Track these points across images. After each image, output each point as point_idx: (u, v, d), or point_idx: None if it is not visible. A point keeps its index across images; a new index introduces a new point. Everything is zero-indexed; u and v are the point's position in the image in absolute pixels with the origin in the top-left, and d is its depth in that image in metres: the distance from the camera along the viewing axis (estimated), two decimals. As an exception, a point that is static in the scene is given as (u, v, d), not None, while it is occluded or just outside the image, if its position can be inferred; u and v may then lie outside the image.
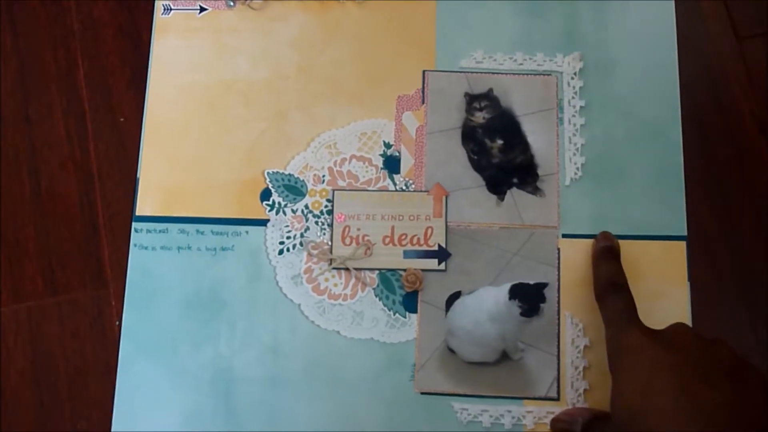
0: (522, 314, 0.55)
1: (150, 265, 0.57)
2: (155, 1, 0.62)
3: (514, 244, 0.57)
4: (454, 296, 0.56)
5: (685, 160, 0.58)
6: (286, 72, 0.60)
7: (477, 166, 0.58)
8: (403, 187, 0.58)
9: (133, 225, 0.58)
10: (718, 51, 0.61)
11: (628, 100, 0.59)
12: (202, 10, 0.62)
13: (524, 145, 0.58)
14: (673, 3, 0.61)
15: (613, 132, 0.58)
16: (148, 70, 0.60)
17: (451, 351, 0.55)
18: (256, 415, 0.54)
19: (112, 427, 0.55)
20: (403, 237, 0.57)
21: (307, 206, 0.58)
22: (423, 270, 0.56)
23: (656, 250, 0.56)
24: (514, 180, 0.58)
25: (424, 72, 0.60)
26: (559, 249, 0.57)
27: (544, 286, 0.56)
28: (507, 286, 0.56)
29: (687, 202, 0.57)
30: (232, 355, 0.55)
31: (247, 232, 0.57)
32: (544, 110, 0.59)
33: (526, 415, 0.54)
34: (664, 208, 0.57)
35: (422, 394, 0.54)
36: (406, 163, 0.58)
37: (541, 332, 0.55)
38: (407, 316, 0.56)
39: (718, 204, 0.58)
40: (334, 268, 0.57)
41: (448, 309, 0.56)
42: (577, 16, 0.61)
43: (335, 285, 0.57)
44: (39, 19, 0.61)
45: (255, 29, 0.61)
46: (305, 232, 0.57)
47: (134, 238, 0.58)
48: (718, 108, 0.60)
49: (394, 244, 0.57)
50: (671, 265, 0.56)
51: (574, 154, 0.58)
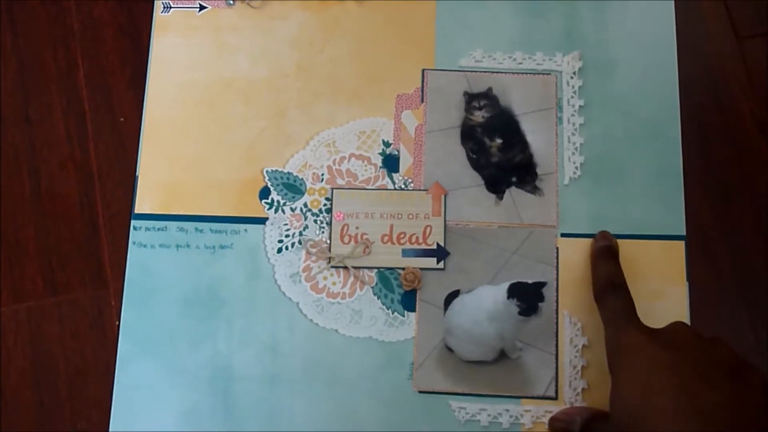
0: (520, 313, 0.55)
1: (149, 263, 0.57)
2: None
3: (512, 243, 0.57)
4: (453, 295, 0.56)
5: (685, 159, 0.58)
6: (286, 70, 0.60)
7: (476, 165, 0.58)
8: (402, 186, 0.58)
9: (132, 223, 0.58)
10: (718, 51, 0.61)
11: (628, 99, 0.59)
12: (202, 8, 0.62)
13: (523, 144, 0.58)
14: (673, 3, 0.60)
15: (613, 131, 0.58)
16: (148, 68, 0.60)
17: (450, 350, 0.55)
18: (255, 413, 0.54)
19: (111, 425, 0.55)
20: (402, 236, 0.57)
21: (305, 205, 0.58)
22: (421, 269, 0.56)
23: (655, 250, 0.56)
24: (513, 179, 0.58)
25: (424, 71, 0.60)
26: (557, 248, 0.57)
27: (543, 285, 0.56)
28: (505, 285, 0.56)
29: (686, 201, 0.57)
30: (230, 354, 0.55)
31: (245, 231, 0.58)
32: (543, 109, 0.59)
33: (524, 414, 0.54)
34: (663, 208, 0.57)
35: (420, 392, 0.55)
36: (405, 162, 0.58)
37: (540, 331, 0.55)
38: (406, 315, 0.56)
39: (718, 204, 0.58)
40: (332, 267, 0.57)
41: (446, 308, 0.56)
42: (577, 16, 0.60)
43: (334, 283, 0.57)
44: (39, 19, 0.61)
45: (254, 27, 0.61)
46: (304, 230, 0.58)
47: (133, 236, 0.58)
48: (718, 108, 0.60)
49: (393, 243, 0.57)
50: (670, 264, 0.56)
51: (573, 154, 0.58)
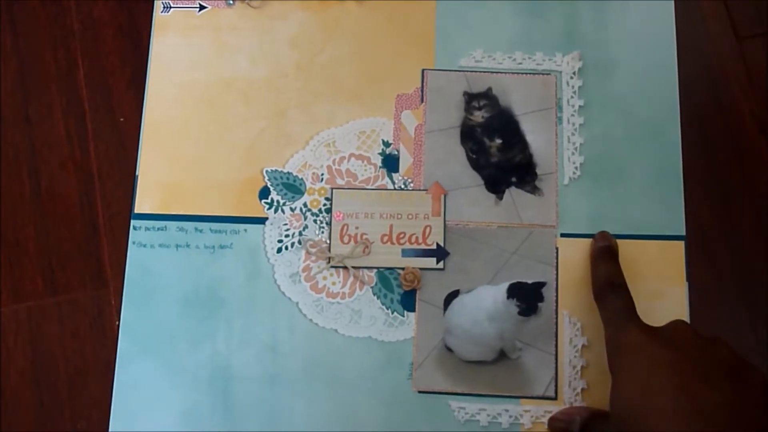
0: (520, 313, 0.55)
1: (148, 263, 0.57)
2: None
3: (512, 243, 0.57)
4: (453, 295, 0.56)
5: (685, 160, 0.58)
6: (286, 70, 0.60)
7: (476, 165, 0.58)
8: (402, 186, 0.58)
9: (132, 222, 0.58)
10: (718, 51, 0.60)
11: (628, 99, 0.59)
12: (202, 8, 0.62)
13: (523, 144, 0.58)
14: (673, 3, 0.60)
15: (612, 132, 0.58)
16: (148, 68, 0.60)
17: (449, 350, 0.55)
18: (254, 413, 0.54)
19: (110, 425, 0.55)
20: (402, 236, 0.57)
21: (305, 204, 0.58)
22: (421, 269, 0.56)
23: (655, 250, 0.56)
24: (513, 179, 0.58)
25: (424, 71, 0.60)
26: (557, 248, 0.57)
27: (542, 285, 0.56)
28: (505, 285, 0.56)
29: (686, 201, 0.57)
30: (230, 353, 0.55)
31: (245, 230, 0.58)
32: (543, 109, 0.59)
33: (523, 414, 0.54)
34: (663, 208, 0.57)
35: (420, 392, 0.55)
36: (405, 162, 0.58)
37: (539, 331, 0.55)
38: (405, 315, 0.56)
39: (718, 204, 0.58)
40: (332, 267, 0.57)
41: (446, 308, 0.56)
42: (577, 16, 0.60)
43: (333, 283, 0.57)
44: (39, 19, 0.61)
45: (254, 27, 0.61)
46: (304, 230, 0.58)
47: (133, 236, 0.58)
48: (718, 108, 0.60)
49: (393, 243, 0.57)
50: (670, 265, 0.56)
51: (573, 154, 0.58)
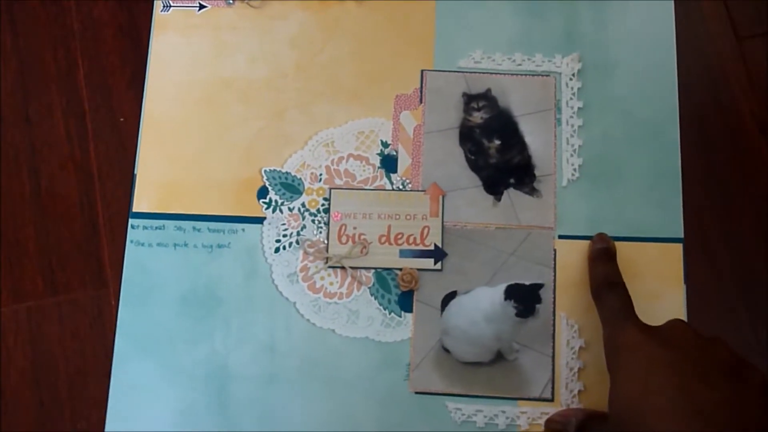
0: (517, 315, 0.55)
1: (146, 262, 0.57)
2: (155, -1, 0.62)
3: (510, 244, 0.57)
4: (450, 296, 0.56)
5: (685, 160, 0.58)
6: (285, 70, 0.60)
7: (474, 166, 0.58)
8: (400, 187, 0.58)
9: (130, 221, 0.58)
10: (718, 51, 0.60)
11: (627, 100, 0.59)
12: (202, 7, 0.62)
13: (522, 145, 0.58)
14: (673, 3, 0.60)
15: (611, 133, 0.58)
16: (147, 67, 0.61)
17: (446, 351, 0.55)
18: (251, 412, 0.55)
19: (107, 424, 0.55)
20: (400, 236, 0.57)
21: (303, 204, 0.58)
22: (419, 269, 0.56)
23: (653, 252, 0.56)
24: (511, 180, 0.58)
25: (423, 71, 0.60)
26: (555, 250, 0.57)
27: (540, 286, 0.56)
28: (503, 287, 0.56)
29: (686, 202, 0.57)
30: (227, 353, 0.56)
31: (243, 230, 0.58)
32: (542, 111, 0.59)
33: (520, 415, 0.54)
34: (661, 211, 0.57)
35: (417, 393, 0.55)
36: (404, 163, 0.58)
37: (536, 333, 0.55)
38: (402, 316, 0.56)
39: (718, 204, 0.58)
40: (330, 267, 0.57)
41: (443, 309, 0.56)
42: (577, 17, 0.60)
43: (331, 283, 0.57)
44: (39, 19, 0.61)
45: (254, 27, 0.61)
46: (302, 230, 0.58)
47: (131, 235, 0.58)
48: (718, 108, 0.59)
49: (391, 244, 0.57)
50: (668, 267, 0.56)
51: (572, 155, 0.58)
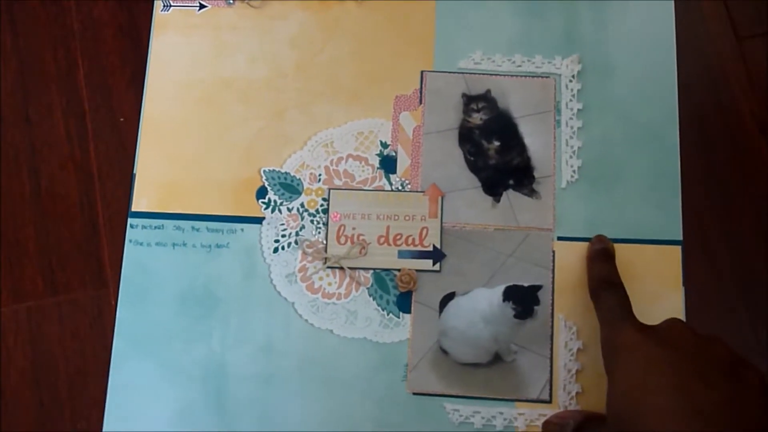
0: (515, 316, 0.55)
1: (145, 261, 0.57)
2: (155, -1, 0.62)
3: (509, 245, 0.57)
4: (448, 297, 0.56)
5: (685, 160, 0.58)
6: (285, 70, 0.61)
7: (473, 167, 0.58)
8: (399, 187, 0.58)
9: (129, 221, 0.58)
10: (718, 51, 0.60)
11: (626, 102, 0.59)
12: (202, 7, 0.62)
13: (521, 147, 0.58)
14: (673, 3, 0.60)
15: (611, 135, 0.58)
16: (147, 67, 0.61)
17: (444, 352, 0.55)
18: (249, 412, 0.55)
19: (104, 424, 0.55)
20: (398, 237, 0.57)
21: (302, 205, 0.58)
22: (417, 270, 0.56)
23: (652, 254, 0.56)
24: (510, 182, 0.58)
25: (422, 72, 0.60)
26: (554, 251, 0.57)
27: (538, 288, 0.56)
28: (501, 288, 0.56)
29: (686, 202, 0.57)
30: (225, 353, 0.56)
31: (242, 230, 0.58)
32: (542, 112, 0.59)
33: (517, 417, 0.54)
34: (661, 213, 0.57)
35: (414, 394, 0.55)
36: (403, 163, 0.58)
37: (535, 334, 0.55)
38: (401, 317, 0.56)
39: (718, 204, 0.58)
40: (328, 267, 0.57)
41: (441, 310, 0.56)
42: (577, 17, 0.60)
43: (329, 284, 0.57)
44: (39, 19, 0.61)
45: (254, 27, 0.61)
46: (300, 230, 0.58)
47: (130, 234, 0.58)
48: (718, 108, 0.59)
49: (389, 244, 0.57)
50: (667, 269, 0.56)
51: (571, 157, 0.58)
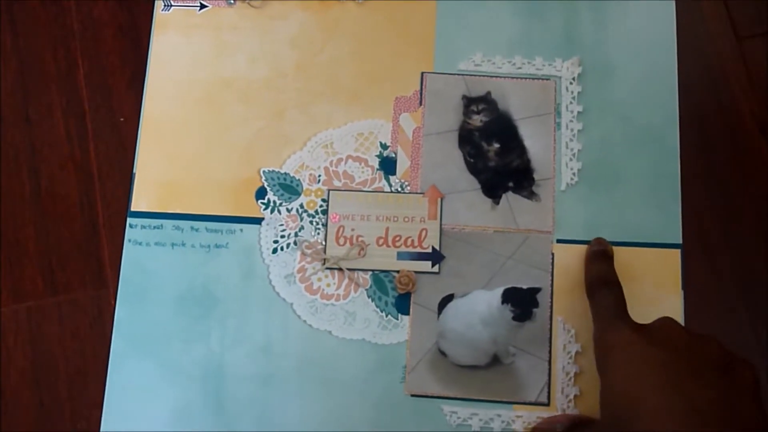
0: (514, 318, 0.55)
1: (143, 261, 0.57)
2: (155, -1, 0.62)
3: (508, 248, 0.57)
4: (447, 299, 0.56)
5: (685, 160, 0.58)
6: (285, 70, 0.60)
7: (473, 169, 0.58)
8: (399, 189, 0.58)
9: (128, 221, 0.58)
10: (718, 51, 0.60)
11: (626, 104, 0.58)
12: (203, 6, 0.62)
13: (521, 149, 0.58)
14: (674, 4, 0.60)
15: (611, 137, 0.58)
16: (147, 67, 0.61)
17: (443, 354, 0.55)
18: (247, 412, 0.55)
19: (103, 424, 0.55)
20: (397, 238, 0.57)
21: (302, 205, 0.58)
22: (416, 272, 0.56)
23: (651, 258, 0.56)
24: (510, 184, 0.58)
25: (423, 74, 0.60)
26: (553, 254, 0.56)
27: (537, 290, 0.56)
28: (500, 290, 0.56)
29: (686, 202, 0.57)
30: (223, 353, 0.56)
31: (241, 230, 0.58)
32: (542, 115, 0.59)
33: (515, 419, 0.54)
34: (660, 216, 0.57)
35: (412, 396, 0.55)
36: (402, 165, 0.58)
37: (533, 337, 0.55)
38: (399, 318, 0.56)
39: (718, 204, 0.58)
40: (327, 268, 0.57)
41: (440, 311, 0.56)
42: (577, 18, 0.60)
43: (328, 285, 0.57)
44: (39, 19, 0.61)
45: (255, 27, 0.61)
46: (299, 231, 0.58)
47: (129, 234, 0.58)
48: (718, 108, 0.59)
49: (388, 246, 0.57)
50: (666, 272, 0.56)
51: (571, 159, 0.58)
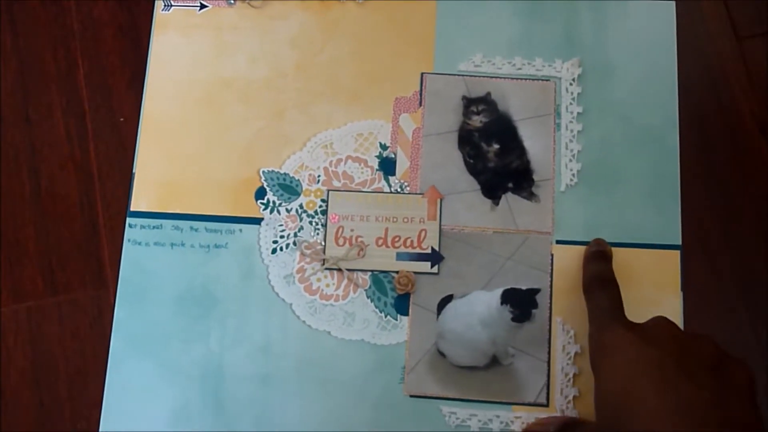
0: (513, 319, 0.55)
1: (143, 261, 0.57)
2: (156, -1, 0.62)
3: (507, 248, 0.57)
4: (446, 300, 0.56)
5: (685, 160, 0.58)
6: (285, 70, 0.60)
7: (472, 169, 0.58)
8: (398, 189, 0.58)
9: (128, 220, 0.58)
10: (718, 51, 0.60)
11: (626, 105, 0.58)
12: (203, 6, 0.62)
13: (520, 150, 0.58)
14: (674, 4, 0.60)
15: (610, 138, 0.58)
16: (147, 67, 0.61)
17: (442, 354, 0.55)
18: (246, 412, 0.55)
19: (102, 423, 0.55)
20: (397, 239, 0.57)
21: (301, 206, 0.58)
22: (415, 273, 0.56)
23: (650, 259, 0.56)
24: (510, 185, 0.58)
25: (423, 74, 0.60)
26: (552, 255, 0.56)
27: (537, 291, 0.56)
28: (499, 291, 0.56)
29: (686, 202, 0.57)
30: (223, 353, 0.56)
31: (240, 231, 0.58)
32: (542, 116, 0.58)
33: (514, 420, 0.54)
34: (660, 217, 0.57)
35: (411, 396, 0.55)
36: (402, 165, 0.58)
37: (532, 338, 0.55)
38: (398, 319, 0.56)
39: (718, 204, 0.58)
40: (326, 269, 0.57)
41: (439, 312, 0.56)
42: (577, 19, 0.60)
43: (327, 285, 0.57)
44: (39, 19, 0.61)
45: (255, 27, 0.61)
46: (299, 231, 0.58)
47: (128, 234, 0.58)
48: (718, 108, 0.59)
49: (388, 246, 0.57)
50: (665, 273, 0.56)
51: (570, 160, 0.58)
